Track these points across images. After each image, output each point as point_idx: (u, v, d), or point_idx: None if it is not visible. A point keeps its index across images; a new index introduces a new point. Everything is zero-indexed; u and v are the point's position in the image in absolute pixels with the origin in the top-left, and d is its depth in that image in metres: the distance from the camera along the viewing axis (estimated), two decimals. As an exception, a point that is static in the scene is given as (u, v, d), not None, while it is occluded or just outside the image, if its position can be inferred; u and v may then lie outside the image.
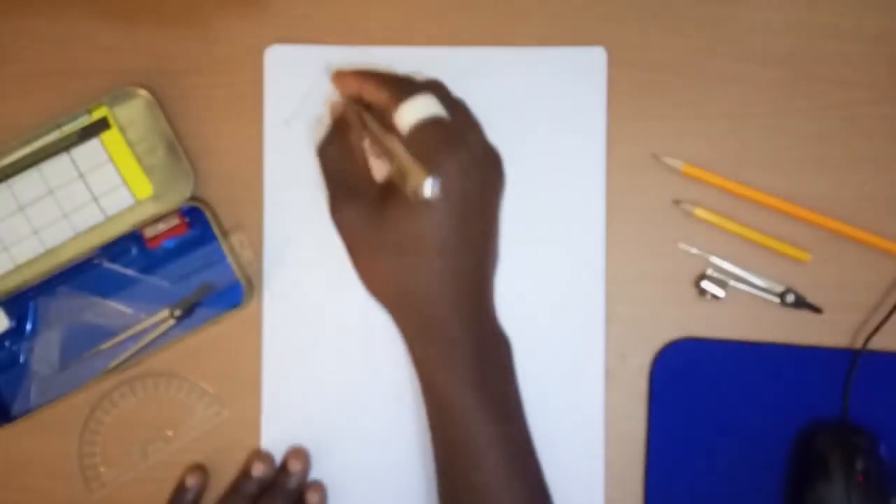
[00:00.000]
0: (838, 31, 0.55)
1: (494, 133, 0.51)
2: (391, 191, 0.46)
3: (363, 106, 0.49)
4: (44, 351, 0.55)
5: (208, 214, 0.54)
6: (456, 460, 0.47)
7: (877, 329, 0.53)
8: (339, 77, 0.51)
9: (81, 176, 0.53)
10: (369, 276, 0.48)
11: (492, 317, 0.49)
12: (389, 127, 0.47)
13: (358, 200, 0.47)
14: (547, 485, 0.49)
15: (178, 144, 0.54)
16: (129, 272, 0.55)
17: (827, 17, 0.55)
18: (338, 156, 0.48)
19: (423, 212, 0.44)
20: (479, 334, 0.48)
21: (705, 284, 0.54)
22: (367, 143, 0.50)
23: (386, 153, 0.46)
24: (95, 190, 0.53)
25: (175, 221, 0.54)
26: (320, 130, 0.52)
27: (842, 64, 0.55)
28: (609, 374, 0.54)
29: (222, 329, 0.54)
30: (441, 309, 0.46)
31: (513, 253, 0.54)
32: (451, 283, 0.46)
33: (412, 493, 0.54)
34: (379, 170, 0.51)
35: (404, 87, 0.47)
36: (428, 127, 0.45)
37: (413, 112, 0.45)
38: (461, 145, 0.45)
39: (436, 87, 0.48)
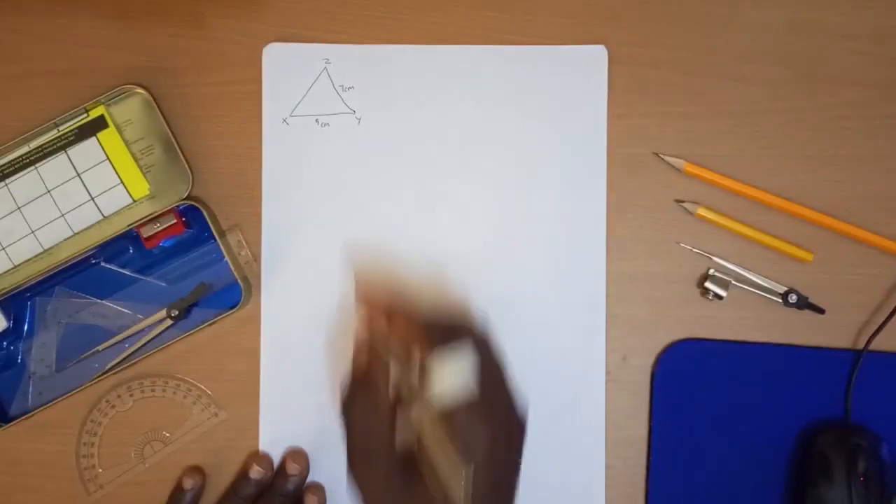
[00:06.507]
0: (840, 29, 0.55)
1: (495, 132, 0.50)
2: (415, 451, 0.44)
3: (388, 349, 0.46)
4: (41, 351, 0.54)
5: (206, 214, 0.53)
6: None
7: (879, 329, 0.53)
8: (367, 310, 0.47)
9: (78, 175, 0.53)
10: None
11: None
12: (414, 365, 0.44)
13: (381, 465, 0.44)
14: None
15: (175, 143, 0.53)
16: (127, 272, 0.55)
17: (829, 15, 0.55)
18: (364, 418, 0.45)
19: (448, 481, 0.42)
20: None
21: (708, 284, 0.53)
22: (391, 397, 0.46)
23: (417, 430, 0.44)
24: (92, 189, 0.53)
25: (172, 221, 0.53)
26: (343, 381, 0.47)
27: (844, 63, 0.55)
28: (610, 376, 0.54)
29: (220, 330, 0.54)
30: None
31: (513, 253, 0.54)
32: None
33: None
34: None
35: (435, 331, 0.45)
36: (458, 412, 0.43)
37: (447, 380, 0.43)
38: (488, 427, 0.43)
39: (467, 331, 0.45)
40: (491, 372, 0.45)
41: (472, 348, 0.44)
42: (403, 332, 0.45)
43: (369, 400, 0.45)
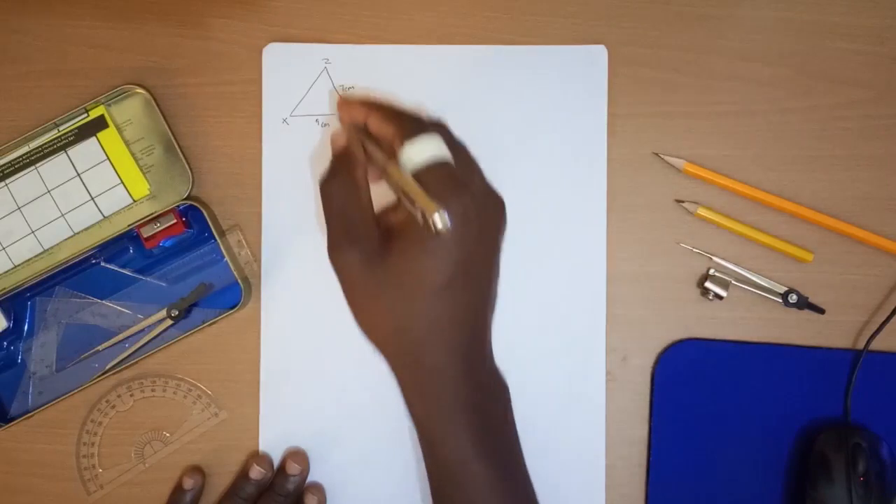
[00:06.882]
0: (839, 29, 0.55)
1: (494, 131, 0.50)
2: (393, 231, 0.45)
3: (365, 136, 0.47)
4: (41, 351, 0.55)
5: (206, 214, 0.53)
6: None
7: (879, 329, 0.53)
8: (345, 105, 0.48)
9: (79, 175, 0.53)
10: (366, 318, 0.46)
11: (490, 361, 0.47)
12: (393, 161, 0.45)
13: (360, 241, 0.45)
14: None
15: (175, 143, 0.53)
16: (127, 272, 0.55)
17: (828, 15, 0.55)
18: (342, 194, 0.46)
19: (425, 255, 0.43)
20: (478, 381, 0.46)
21: (708, 284, 0.53)
22: (371, 179, 0.48)
23: (394, 187, 0.45)
24: (93, 189, 0.53)
25: (172, 221, 0.53)
26: (322, 164, 0.49)
27: (843, 63, 0.55)
28: (610, 376, 0.54)
29: (220, 329, 0.54)
30: (439, 353, 0.44)
31: (513, 254, 0.54)
32: (450, 327, 0.44)
33: (411, 494, 0.54)
34: (379, 203, 0.49)
35: (411, 122, 0.46)
36: (432, 170, 0.43)
37: (420, 151, 0.44)
38: (464, 190, 0.44)
39: (440, 128, 0.46)
40: (465, 158, 0.46)
41: (444, 139, 0.45)
42: (379, 118, 0.46)
43: (348, 175, 0.46)
